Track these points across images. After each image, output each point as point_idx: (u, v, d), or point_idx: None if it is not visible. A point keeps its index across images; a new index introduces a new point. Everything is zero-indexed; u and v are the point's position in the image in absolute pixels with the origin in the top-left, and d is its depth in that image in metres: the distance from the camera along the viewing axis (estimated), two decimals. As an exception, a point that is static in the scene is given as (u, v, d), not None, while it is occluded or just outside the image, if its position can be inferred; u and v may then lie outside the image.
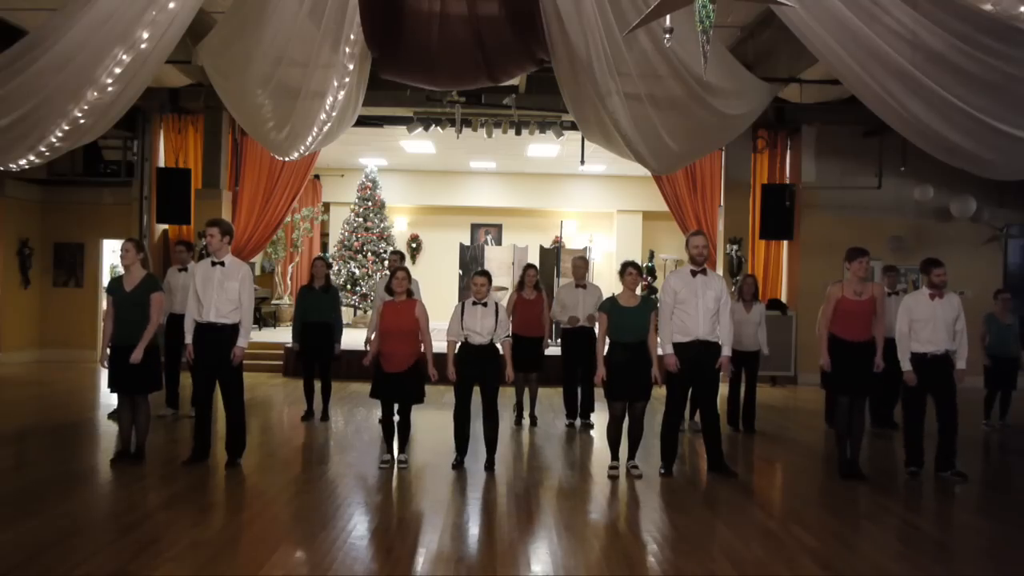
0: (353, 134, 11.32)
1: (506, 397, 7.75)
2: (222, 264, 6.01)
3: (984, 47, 4.87)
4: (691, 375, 6.20)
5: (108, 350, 6.15)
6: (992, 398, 8.72)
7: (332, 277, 15.73)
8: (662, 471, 6.25)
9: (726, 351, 6.17)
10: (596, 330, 6.75)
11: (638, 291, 6.27)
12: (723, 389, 6.94)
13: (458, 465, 6.36)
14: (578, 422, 8.25)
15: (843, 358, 6.28)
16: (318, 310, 8.07)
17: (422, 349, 6.28)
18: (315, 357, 8.15)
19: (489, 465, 6.35)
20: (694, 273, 6.15)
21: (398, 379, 6.21)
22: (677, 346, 6.14)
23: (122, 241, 6.23)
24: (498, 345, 6.39)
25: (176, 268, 8.02)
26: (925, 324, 6.21)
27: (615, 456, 6.29)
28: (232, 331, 6.04)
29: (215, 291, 5.97)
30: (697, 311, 6.07)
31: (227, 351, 6.01)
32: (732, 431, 7.98)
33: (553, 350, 8.49)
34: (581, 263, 8.33)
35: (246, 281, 6.10)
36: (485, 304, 6.28)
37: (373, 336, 6.61)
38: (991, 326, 8.52)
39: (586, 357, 7.67)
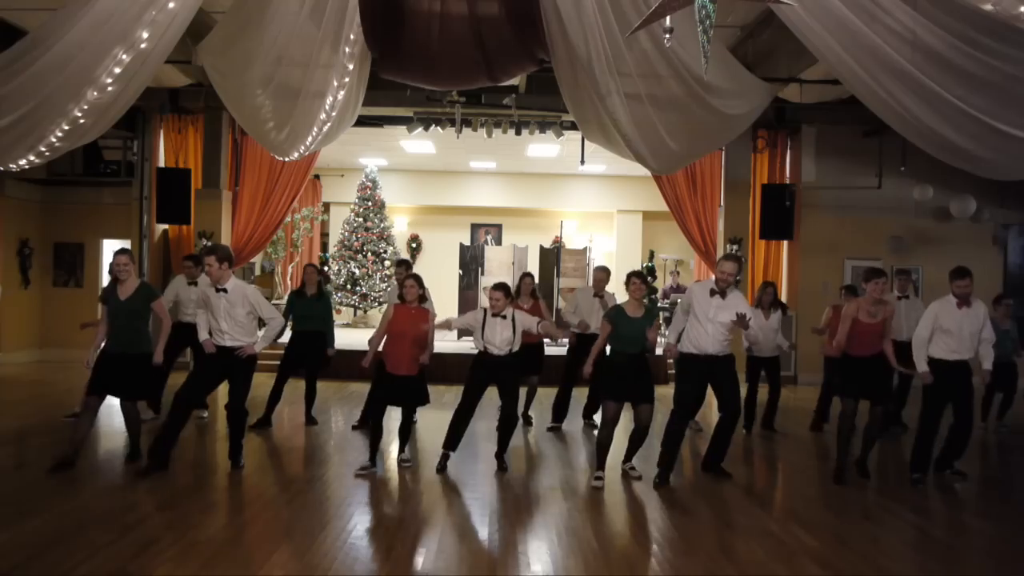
0: (353, 134, 11.31)
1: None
2: (225, 291, 5.99)
3: (984, 47, 4.86)
4: (700, 387, 6.20)
5: (97, 351, 6.15)
6: (990, 400, 8.78)
7: (332, 277, 15.91)
8: (657, 481, 6.03)
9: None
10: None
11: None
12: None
13: (442, 468, 6.29)
14: (564, 426, 8.24)
15: (852, 369, 6.32)
16: (310, 318, 7.97)
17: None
18: (300, 363, 8.04)
19: (501, 464, 6.38)
20: (713, 293, 6.01)
21: (404, 381, 6.23)
22: (687, 356, 6.11)
23: (114, 254, 6.13)
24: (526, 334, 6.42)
25: (186, 281, 7.96)
26: (950, 334, 6.13)
27: (600, 465, 6.07)
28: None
29: (224, 319, 6.00)
30: (707, 332, 6.00)
31: (241, 358, 6.08)
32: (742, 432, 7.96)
33: (554, 349, 8.45)
34: (603, 275, 8.24)
35: (257, 303, 6.09)
36: (504, 316, 6.30)
37: (374, 337, 6.59)
38: None
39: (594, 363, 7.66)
